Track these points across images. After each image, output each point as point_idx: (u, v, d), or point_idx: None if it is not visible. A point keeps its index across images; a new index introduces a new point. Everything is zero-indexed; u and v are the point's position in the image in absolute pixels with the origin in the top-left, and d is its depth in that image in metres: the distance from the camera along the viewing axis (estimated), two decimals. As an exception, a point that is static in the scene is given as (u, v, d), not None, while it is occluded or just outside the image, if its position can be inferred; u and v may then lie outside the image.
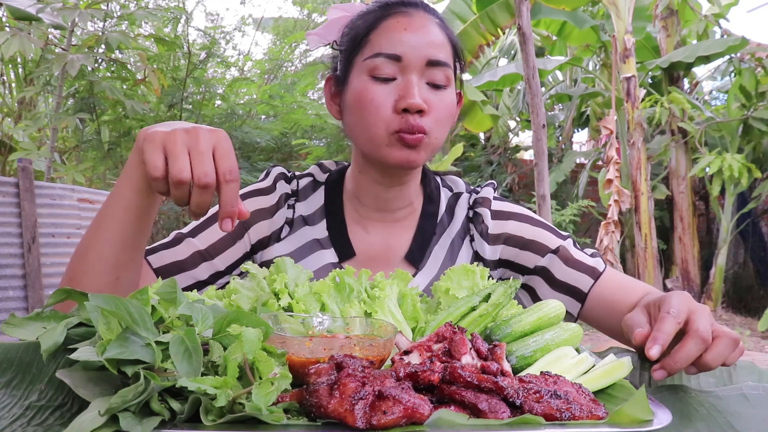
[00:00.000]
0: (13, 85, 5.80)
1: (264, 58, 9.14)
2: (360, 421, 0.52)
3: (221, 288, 1.09)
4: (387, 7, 1.06)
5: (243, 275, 1.12)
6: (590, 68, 8.17)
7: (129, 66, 5.36)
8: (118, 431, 0.50)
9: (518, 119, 8.75)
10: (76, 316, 0.69)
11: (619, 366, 0.70)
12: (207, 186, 0.75)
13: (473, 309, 0.83)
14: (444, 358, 0.65)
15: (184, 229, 1.11)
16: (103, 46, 4.79)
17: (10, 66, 5.55)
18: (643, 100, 6.34)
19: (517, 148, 8.80)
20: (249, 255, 1.13)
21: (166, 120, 6.31)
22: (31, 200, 3.49)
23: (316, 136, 7.27)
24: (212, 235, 1.09)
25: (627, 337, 0.80)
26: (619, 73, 6.26)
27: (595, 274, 1.10)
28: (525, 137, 9.47)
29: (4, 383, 0.65)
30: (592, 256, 1.13)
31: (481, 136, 8.95)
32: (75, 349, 0.59)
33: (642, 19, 6.88)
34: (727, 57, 6.67)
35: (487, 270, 0.90)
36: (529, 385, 0.60)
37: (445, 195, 1.20)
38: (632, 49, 6.15)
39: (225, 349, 0.60)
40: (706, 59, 6.51)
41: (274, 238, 1.13)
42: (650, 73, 7.22)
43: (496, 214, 1.16)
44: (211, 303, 0.71)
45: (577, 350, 0.78)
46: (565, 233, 1.17)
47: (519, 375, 0.66)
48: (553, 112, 9.13)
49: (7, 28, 4.36)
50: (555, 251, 1.12)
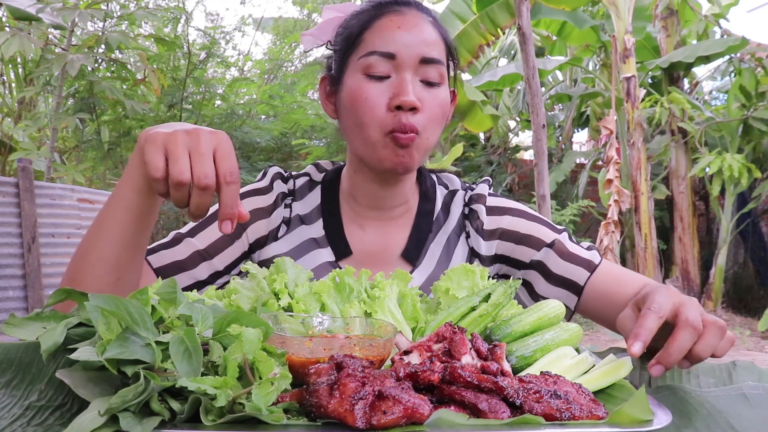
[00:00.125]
0: (13, 85, 5.80)
1: (264, 58, 9.15)
2: (360, 421, 0.52)
3: (221, 288, 1.09)
4: (380, 7, 1.06)
5: (242, 275, 1.12)
6: (590, 68, 8.17)
7: (129, 66, 5.36)
8: (118, 431, 0.50)
9: (518, 119, 8.75)
10: (76, 316, 0.68)
11: (619, 366, 0.70)
12: (207, 187, 0.75)
13: (473, 309, 0.83)
14: (444, 358, 0.65)
15: (183, 229, 1.11)
16: (103, 46, 4.79)
17: (10, 66, 5.55)
18: (643, 100, 6.34)
19: (517, 148, 8.80)
20: (247, 254, 1.13)
21: (166, 120, 6.32)
22: (31, 200, 3.49)
23: (316, 136, 7.27)
24: (211, 234, 1.09)
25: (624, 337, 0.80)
26: (619, 73, 6.26)
27: (591, 267, 1.10)
28: (525, 137, 9.48)
29: (4, 383, 0.65)
30: (588, 249, 1.14)
31: (481, 136, 8.95)
32: (75, 349, 0.59)
33: (642, 19, 6.88)
34: (727, 57, 6.67)
35: (487, 270, 0.90)
36: (529, 385, 0.60)
37: (440, 193, 1.21)
38: (632, 49, 6.14)
39: (225, 349, 0.60)
40: (706, 59, 6.51)
41: (272, 237, 1.13)
42: (650, 73, 7.22)
43: (491, 210, 1.17)
44: (211, 303, 0.71)
45: (577, 350, 0.78)
46: (560, 227, 1.17)
47: (519, 375, 0.66)
48: (553, 112, 9.13)
49: (7, 28, 4.36)
50: (550, 245, 1.12)
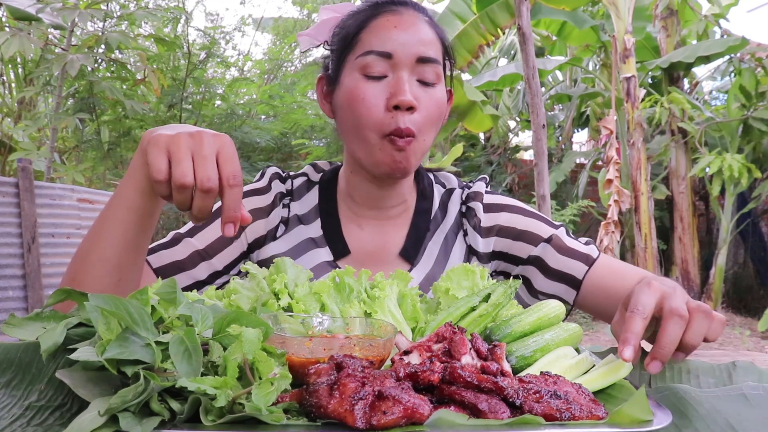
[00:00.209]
0: (13, 85, 5.80)
1: (264, 58, 9.14)
2: (360, 421, 0.52)
3: (220, 288, 1.09)
4: (377, 6, 1.07)
5: (241, 275, 1.12)
6: (590, 68, 8.17)
7: (129, 66, 5.36)
8: (117, 431, 0.50)
9: (518, 119, 8.75)
10: (76, 316, 0.68)
11: (619, 366, 0.70)
12: (210, 190, 0.75)
13: (473, 309, 0.83)
14: (444, 359, 0.65)
15: (182, 229, 1.11)
16: (102, 46, 4.79)
17: (9, 66, 5.54)
18: (643, 100, 6.34)
19: (517, 148, 8.80)
20: (246, 254, 1.13)
21: (166, 120, 6.30)
22: (31, 200, 3.49)
23: (316, 136, 7.27)
24: (210, 234, 1.10)
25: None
26: (619, 73, 6.26)
27: (589, 261, 1.10)
28: (525, 137, 9.48)
29: (4, 383, 0.65)
30: (586, 243, 1.14)
31: (481, 136, 8.96)
32: (75, 350, 0.59)
33: (642, 19, 6.88)
34: (727, 57, 6.67)
35: (487, 270, 0.90)
36: (529, 385, 0.60)
37: (438, 191, 1.21)
38: (632, 49, 6.14)
39: (225, 349, 0.60)
40: (706, 59, 6.50)
41: (270, 237, 1.13)
42: (650, 73, 7.22)
43: (488, 207, 1.17)
44: (210, 303, 0.71)
45: (577, 350, 0.78)
46: (557, 222, 1.17)
47: (519, 375, 0.66)
48: (553, 112, 9.13)
49: (7, 28, 4.36)
50: (548, 240, 1.13)
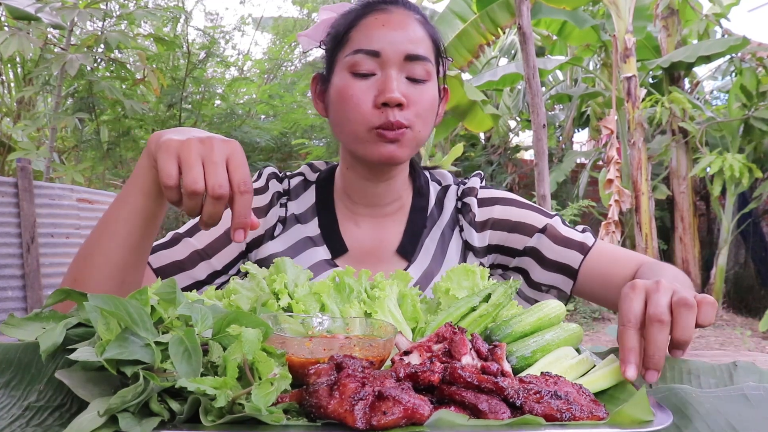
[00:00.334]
0: (12, 84, 5.79)
1: (263, 57, 9.13)
2: (360, 421, 0.52)
3: (220, 288, 1.09)
4: (367, 6, 1.07)
5: (240, 275, 1.12)
6: (591, 68, 8.17)
7: (128, 66, 5.35)
8: (117, 431, 0.50)
9: (518, 119, 8.75)
10: (76, 316, 0.68)
11: (619, 370, 0.70)
12: (221, 197, 0.75)
13: (473, 309, 0.83)
14: (444, 359, 0.65)
15: (181, 229, 1.12)
16: (102, 45, 4.78)
17: (9, 66, 5.54)
18: (643, 99, 6.34)
19: (518, 148, 8.80)
20: (244, 254, 1.14)
21: (165, 120, 6.28)
22: (30, 200, 3.48)
23: (316, 136, 7.27)
24: (209, 234, 1.10)
25: None
26: (619, 73, 6.25)
27: (584, 249, 1.10)
28: (525, 137, 9.48)
29: (3, 384, 0.65)
30: (582, 231, 1.14)
31: (482, 136, 8.96)
32: (74, 350, 0.59)
33: (642, 18, 6.88)
34: (728, 57, 6.67)
35: (487, 270, 0.90)
36: (529, 385, 0.60)
37: (434, 189, 1.22)
38: (633, 49, 6.14)
39: (224, 349, 0.60)
40: (707, 59, 6.50)
41: (268, 236, 1.14)
42: (651, 72, 7.22)
43: (482, 202, 1.18)
44: (210, 303, 0.71)
45: (578, 351, 0.78)
46: (552, 212, 1.17)
47: (519, 375, 0.66)
48: (553, 112, 9.13)
49: (6, 28, 4.35)
50: (542, 230, 1.13)
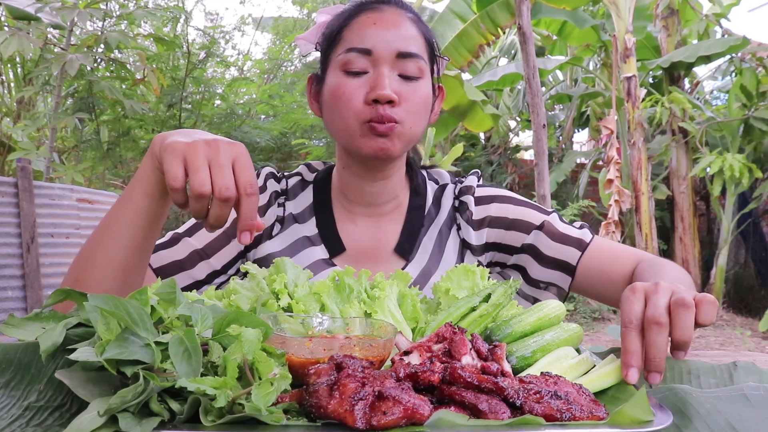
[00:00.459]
0: (12, 84, 5.79)
1: (263, 57, 9.13)
2: (360, 421, 0.52)
3: (219, 288, 1.09)
4: (360, 6, 1.08)
5: (239, 274, 1.12)
6: (590, 68, 8.17)
7: (128, 65, 5.35)
8: (117, 431, 0.50)
9: (518, 119, 8.74)
10: (76, 316, 0.68)
11: (620, 367, 0.70)
12: (228, 199, 0.75)
13: (473, 309, 0.83)
14: (444, 359, 0.65)
15: (180, 229, 1.12)
16: (102, 45, 4.78)
17: (9, 66, 5.54)
18: (643, 99, 6.34)
19: (518, 148, 8.80)
20: (243, 254, 1.14)
21: (165, 120, 6.27)
22: (30, 200, 3.48)
23: (316, 136, 7.27)
24: (208, 234, 1.11)
25: None
26: (619, 73, 6.25)
27: (582, 246, 1.10)
28: (525, 137, 9.48)
29: (3, 384, 0.65)
30: (580, 228, 1.14)
31: (482, 136, 8.95)
32: (74, 350, 0.59)
33: (642, 18, 6.88)
34: (728, 57, 6.67)
35: (487, 270, 0.90)
36: (529, 385, 0.60)
37: (431, 188, 1.22)
38: (633, 49, 6.14)
39: (224, 349, 0.60)
40: (707, 59, 6.50)
41: (266, 235, 1.14)
42: (651, 72, 7.22)
43: (479, 200, 1.18)
44: (210, 303, 0.71)
45: (578, 351, 0.78)
46: (549, 209, 1.17)
47: (519, 375, 0.66)
48: (553, 112, 9.13)
49: (6, 28, 4.35)
50: (540, 227, 1.13)
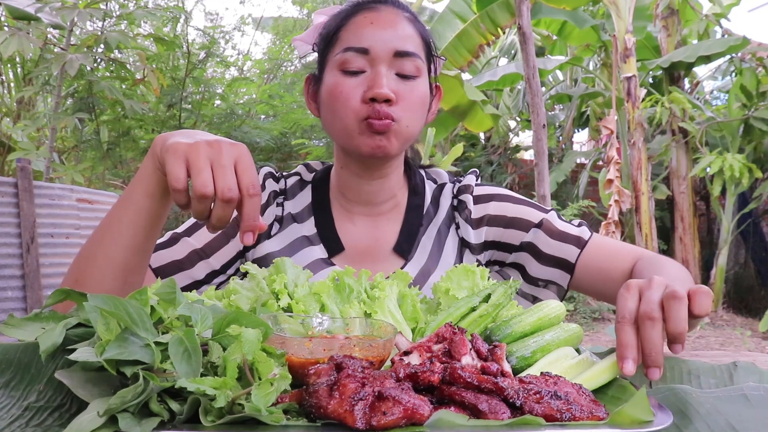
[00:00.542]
0: (12, 84, 5.78)
1: (263, 57, 9.13)
2: (360, 421, 0.51)
3: (219, 288, 1.09)
4: (357, 5, 1.08)
5: (238, 274, 1.12)
6: (590, 68, 8.16)
7: (128, 66, 5.35)
8: (116, 432, 0.50)
9: (518, 119, 8.74)
10: (75, 316, 0.68)
11: (615, 365, 0.70)
12: (231, 200, 0.75)
13: (473, 309, 0.83)
14: (444, 359, 0.65)
15: (179, 229, 1.12)
16: (102, 45, 4.78)
17: (8, 66, 5.54)
18: (643, 99, 6.34)
19: (518, 148, 8.80)
20: (242, 253, 1.14)
21: (165, 120, 6.27)
22: (30, 200, 3.48)
23: (316, 136, 7.26)
24: (207, 233, 1.11)
25: None
26: (619, 73, 6.25)
27: (580, 243, 1.10)
28: (525, 137, 9.47)
29: (3, 384, 0.65)
30: (578, 225, 1.14)
31: (482, 136, 8.95)
32: (74, 350, 0.59)
33: (642, 18, 6.88)
34: (728, 57, 6.67)
35: (487, 270, 0.90)
36: (529, 385, 0.60)
37: (429, 187, 1.22)
38: (633, 49, 6.14)
39: (224, 349, 0.60)
40: (707, 59, 6.50)
41: (265, 235, 1.14)
42: (651, 72, 7.22)
43: (478, 198, 1.18)
44: (210, 303, 0.71)
45: (578, 351, 0.78)
46: (548, 207, 1.17)
47: (519, 376, 0.66)
48: (553, 112, 9.13)
49: (6, 28, 4.35)
50: (538, 225, 1.13)
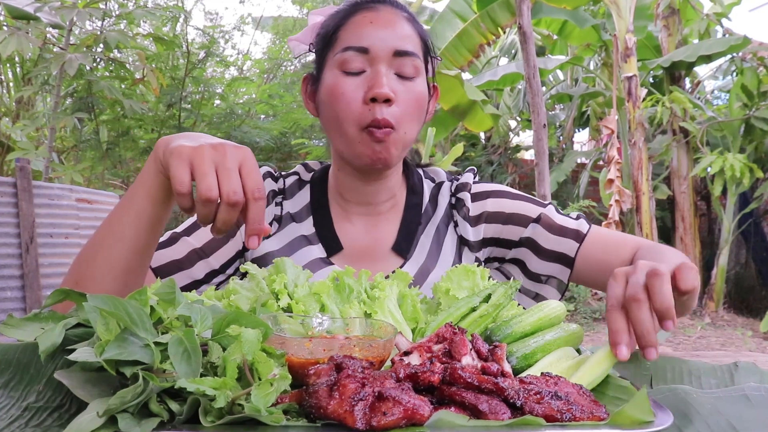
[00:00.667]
0: (11, 84, 5.79)
1: (263, 57, 9.13)
2: (360, 422, 0.51)
3: (218, 288, 1.09)
4: (355, 5, 1.08)
5: (238, 274, 1.12)
6: (591, 68, 8.16)
7: (127, 65, 5.35)
8: (116, 432, 0.50)
9: (519, 119, 8.74)
10: (75, 316, 0.68)
11: (609, 354, 0.69)
12: (236, 204, 0.75)
13: (473, 309, 0.83)
14: (444, 359, 0.64)
15: (178, 229, 1.12)
16: (101, 45, 4.78)
17: (8, 65, 5.54)
18: (644, 99, 6.33)
19: (518, 148, 8.80)
20: (241, 253, 1.14)
21: (165, 120, 6.27)
22: (29, 200, 3.48)
23: (316, 136, 7.26)
24: (206, 233, 1.11)
25: None
26: (620, 73, 6.25)
27: (579, 237, 1.10)
28: (525, 137, 9.48)
29: (2, 384, 0.65)
30: (577, 218, 1.14)
31: (482, 135, 8.95)
32: (73, 350, 0.59)
33: (643, 18, 6.87)
34: (728, 56, 6.67)
35: (487, 270, 0.90)
36: (529, 386, 0.60)
37: (428, 186, 1.22)
38: (633, 49, 6.14)
39: (224, 349, 0.60)
40: (708, 58, 6.50)
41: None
42: (651, 72, 7.21)
43: (475, 196, 1.18)
44: (210, 303, 0.71)
45: (578, 351, 0.78)
46: (546, 201, 1.17)
47: (519, 376, 0.66)
48: (553, 112, 9.13)
49: (5, 27, 4.35)
50: (537, 220, 1.13)
